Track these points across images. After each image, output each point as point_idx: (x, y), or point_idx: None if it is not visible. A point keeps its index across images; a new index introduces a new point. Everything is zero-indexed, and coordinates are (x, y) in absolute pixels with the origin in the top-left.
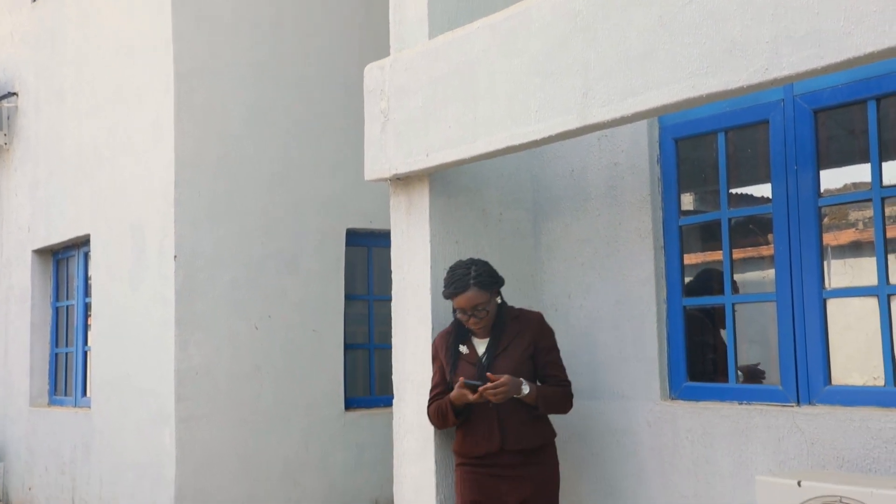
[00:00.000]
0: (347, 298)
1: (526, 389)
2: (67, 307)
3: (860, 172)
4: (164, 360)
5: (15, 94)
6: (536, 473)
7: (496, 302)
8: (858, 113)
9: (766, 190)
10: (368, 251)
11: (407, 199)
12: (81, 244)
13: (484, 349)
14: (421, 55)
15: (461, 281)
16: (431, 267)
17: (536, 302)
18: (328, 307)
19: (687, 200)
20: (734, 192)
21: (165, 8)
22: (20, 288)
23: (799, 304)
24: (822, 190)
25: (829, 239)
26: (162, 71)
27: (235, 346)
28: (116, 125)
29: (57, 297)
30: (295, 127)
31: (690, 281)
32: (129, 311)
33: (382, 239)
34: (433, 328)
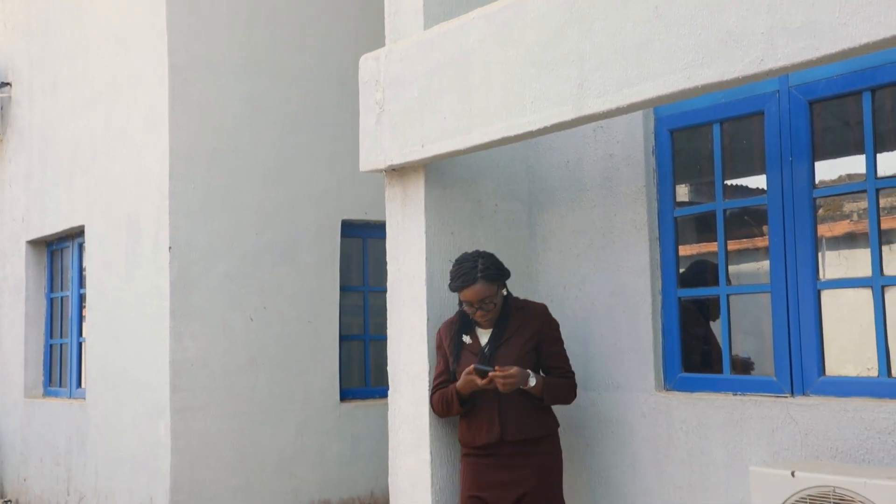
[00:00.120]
0: (343, 290)
1: (533, 381)
2: (62, 298)
3: (855, 164)
4: (159, 351)
5: (8, 84)
6: (538, 464)
7: (502, 294)
8: (853, 104)
9: (761, 181)
10: (364, 242)
11: (402, 190)
12: (76, 235)
13: (487, 339)
14: (416, 46)
15: (469, 274)
16: (427, 258)
17: (532, 293)
18: (323, 299)
19: (682, 192)
20: (729, 183)
21: None
22: (14, 279)
23: (793, 295)
24: (816, 181)
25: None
26: (156, 62)
27: (230, 337)
28: (111, 116)
29: (51, 288)
30: (290, 118)
31: (682, 272)
32: (123, 302)
33: (378, 230)
34: (428, 319)
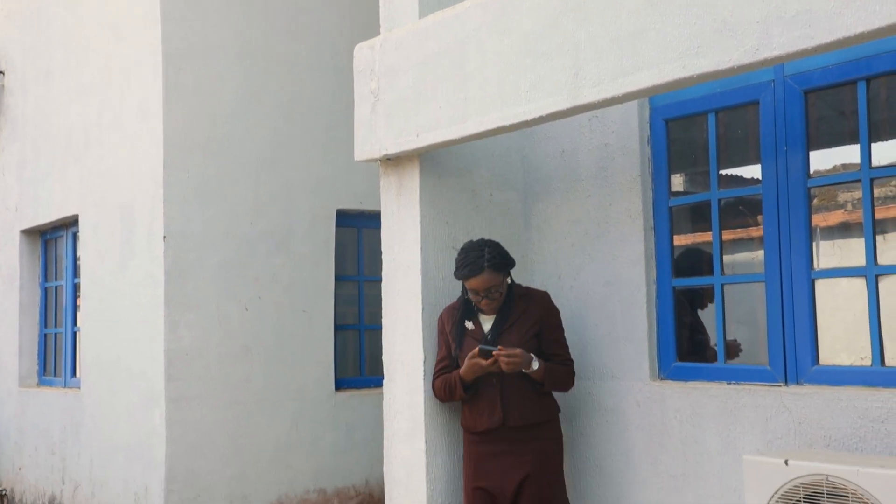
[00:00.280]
0: (337, 279)
1: (535, 365)
2: (56, 288)
3: (849, 153)
4: (153, 340)
5: (1, 72)
6: (539, 449)
7: (507, 282)
8: (848, 94)
9: (755, 171)
10: (358, 232)
11: (397, 179)
12: (70, 224)
13: (490, 326)
14: (411, 35)
15: (476, 263)
16: (422, 248)
17: (527, 283)
18: (318, 288)
19: (677, 181)
20: (724, 173)
21: None
22: (8, 268)
23: (787, 284)
24: (811, 171)
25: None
26: (150, 51)
27: (225, 327)
28: (105, 105)
29: (46, 277)
30: (284, 107)
31: (673, 261)
32: (118, 291)
33: (373, 220)
34: (423, 309)
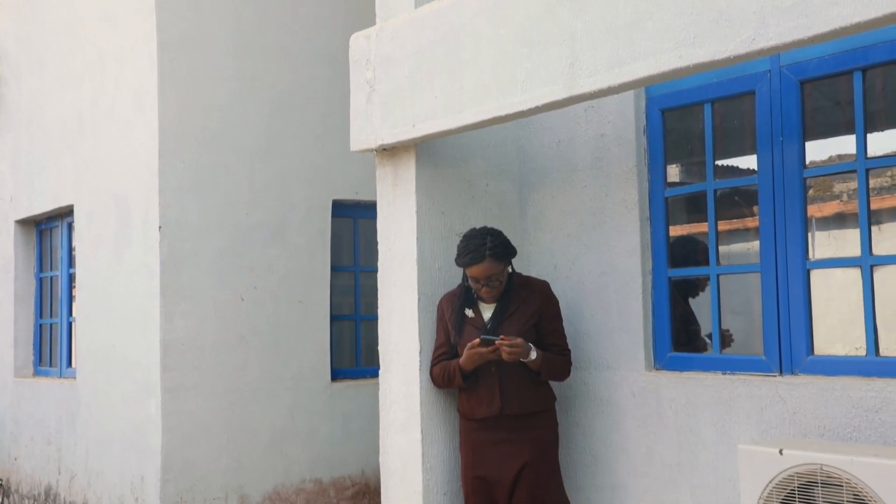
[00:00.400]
0: (333, 270)
1: (533, 355)
2: (51, 278)
3: (845, 144)
4: (149, 331)
5: None
6: (536, 437)
7: (507, 272)
8: (844, 84)
9: (751, 161)
10: (354, 222)
11: (393, 170)
12: (65, 215)
13: (490, 314)
14: (407, 24)
15: (477, 252)
16: (417, 238)
17: (522, 273)
18: (314, 278)
19: (673, 172)
20: (720, 163)
21: None
22: (3, 259)
23: (783, 274)
24: (807, 161)
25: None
26: (145, 39)
27: (221, 317)
28: (99, 94)
29: (41, 267)
30: (280, 97)
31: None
32: (113, 282)
33: (368, 210)
34: (419, 299)
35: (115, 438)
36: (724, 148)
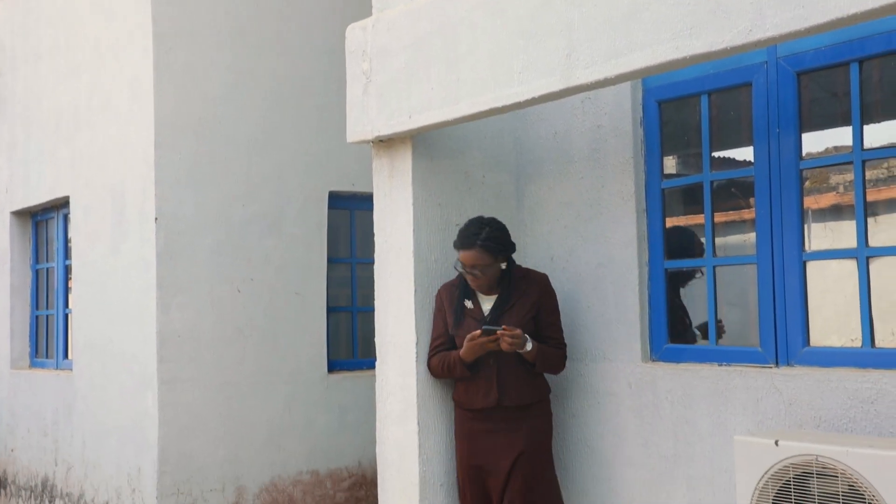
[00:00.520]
0: (330, 261)
1: (529, 346)
2: (47, 270)
3: (842, 135)
4: (145, 322)
5: None
6: (531, 427)
7: (500, 266)
8: (841, 75)
9: (748, 153)
10: (351, 214)
11: (389, 161)
12: (61, 206)
13: (490, 306)
14: (403, 15)
15: (469, 239)
16: (414, 230)
17: (520, 265)
18: (311, 270)
19: (669, 163)
20: (716, 155)
21: None
22: None
23: (779, 266)
24: (803, 153)
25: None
26: (140, 31)
27: (218, 309)
28: (95, 86)
29: (37, 259)
30: (276, 88)
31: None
32: (109, 273)
33: (365, 202)
34: (415, 291)
35: (111, 430)
36: (720, 139)
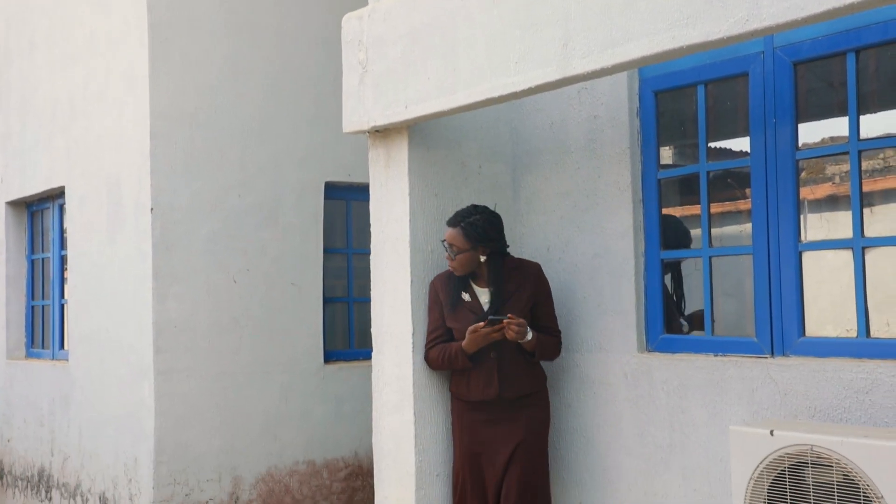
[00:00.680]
0: (326, 252)
1: (529, 336)
2: (43, 260)
3: (838, 126)
4: (142, 313)
5: None
6: (529, 416)
7: (477, 257)
8: (838, 65)
9: (744, 143)
10: (347, 204)
11: (385, 151)
12: (56, 196)
13: (486, 297)
14: (399, 4)
15: (456, 217)
16: (410, 220)
17: (515, 255)
18: (307, 261)
19: (666, 153)
20: (713, 145)
21: None
22: None
23: (775, 256)
24: (799, 143)
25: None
26: (136, 21)
27: (214, 299)
28: (90, 75)
29: (32, 249)
30: (272, 78)
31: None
32: (105, 264)
33: (361, 192)
34: (412, 281)
35: (108, 420)
36: (716, 130)
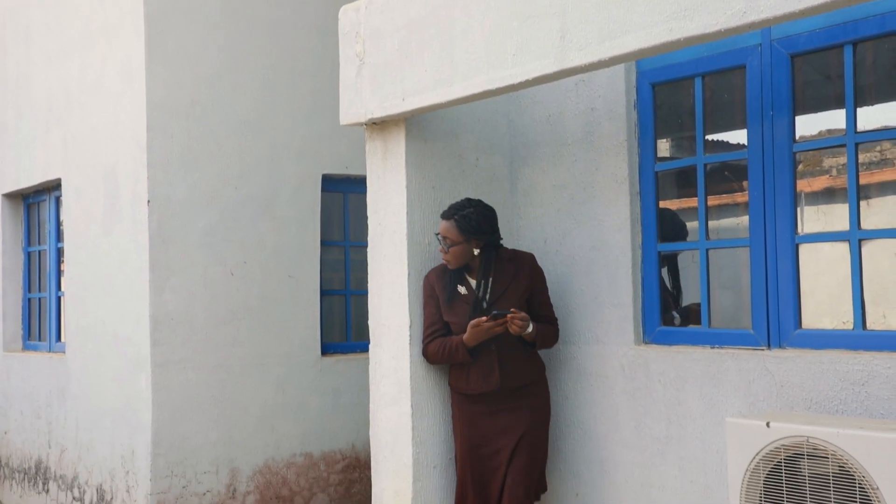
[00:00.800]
0: (323, 244)
1: (530, 328)
2: (39, 252)
3: (835, 118)
4: (139, 305)
5: None
6: (531, 405)
7: (471, 250)
8: (835, 58)
9: (741, 136)
10: (344, 197)
11: (383, 144)
12: (53, 188)
13: (483, 291)
14: None
15: (450, 210)
16: (407, 212)
17: (512, 248)
18: (304, 253)
19: (663, 146)
20: (710, 138)
21: None
22: None
23: (772, 249)
24: (797, 136)
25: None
26: (132, 12)
27: (211, 291)
28: (86, 67)
29: (29, 241)
30: (269, 70)
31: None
32: (102, 256)
33: (358, 185)
34: (409, 274)
35: (105, 413)
36: (714, 122)
